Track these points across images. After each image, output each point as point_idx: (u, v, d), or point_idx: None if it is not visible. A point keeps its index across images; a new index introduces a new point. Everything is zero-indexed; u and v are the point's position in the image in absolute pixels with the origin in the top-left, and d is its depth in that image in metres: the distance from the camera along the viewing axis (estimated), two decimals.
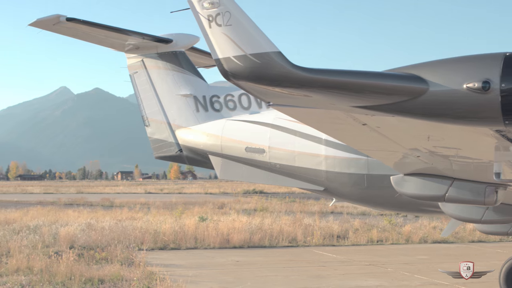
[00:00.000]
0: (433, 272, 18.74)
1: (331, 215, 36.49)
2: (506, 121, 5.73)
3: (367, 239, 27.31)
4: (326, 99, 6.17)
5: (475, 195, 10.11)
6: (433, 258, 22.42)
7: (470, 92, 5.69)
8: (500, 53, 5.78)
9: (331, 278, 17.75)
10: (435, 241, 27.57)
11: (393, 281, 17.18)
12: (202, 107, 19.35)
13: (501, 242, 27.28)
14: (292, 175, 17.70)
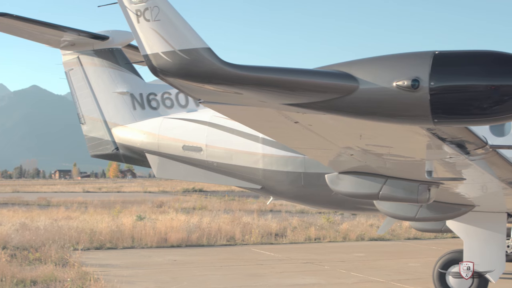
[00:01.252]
0: (369, 270, 18.92)
1: (269, 213, 36.55)
2: (435, 119, 5.74)
3: (305, 237, 27.42)
4: (257, 97, 6.09)
5: (408, 193, 10.18)
6: (369, 255, 22.63)
7: (399, 90, 5.68)
8: (429, 51, 5.78)
9: (268, 276, 17.72)
10: (372, 239, 27.86)
11: (329, 279, 17.25)
12: (139, 105, 19.10)
13: (436, 239, 27.73)
14: (230, 174, 17.62)
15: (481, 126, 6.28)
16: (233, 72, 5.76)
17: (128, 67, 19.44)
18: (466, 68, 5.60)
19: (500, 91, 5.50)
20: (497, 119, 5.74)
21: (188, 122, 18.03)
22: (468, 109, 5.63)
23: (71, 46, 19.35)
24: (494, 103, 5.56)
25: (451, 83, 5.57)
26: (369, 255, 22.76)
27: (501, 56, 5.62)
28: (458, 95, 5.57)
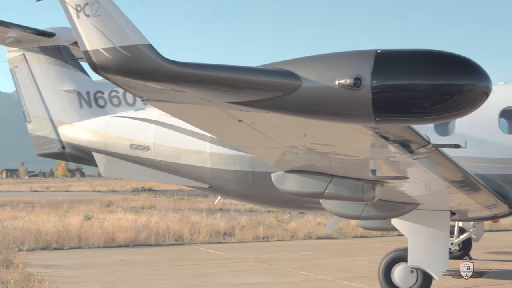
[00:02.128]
0: (317, 268, 19.01)
1: (218, 212, 36.50)
2: (377, 118, 5.76)
3: (253, 236, 27.44)
4: (199, 94, 6.03)
5: (353, 192, 10.24)
6: (317, 253, 22.77)
7: (342, 89, 5.68)
8: (371, 50, 5.80)
9: (216, 275, 17.67)
10: (320, 237, 28.02)
11: (277, 278, 17.28)
12: (86, 103, 18.84)
13: (382, 237, 28.02)
14: (177, 173, 17.51)
15: (423, 125, 6.32)
16: (175, 70, 5.70)
17: (75, 65, 19.16)
18: (408, 67, 5.64)
19: (442, 90, 5.55)
20: (439, 118, 5.81)
21: (136, 121, 17.87)
22: (409, 108, 5.67)
23: (16, 43, 18.96)
24: (436, 102, 5.62)
25: (393, 82, 5.60)
26: (316, 253, 22.90)
27: (443, 56, 5.68)
28: (400, 94, 5.60)
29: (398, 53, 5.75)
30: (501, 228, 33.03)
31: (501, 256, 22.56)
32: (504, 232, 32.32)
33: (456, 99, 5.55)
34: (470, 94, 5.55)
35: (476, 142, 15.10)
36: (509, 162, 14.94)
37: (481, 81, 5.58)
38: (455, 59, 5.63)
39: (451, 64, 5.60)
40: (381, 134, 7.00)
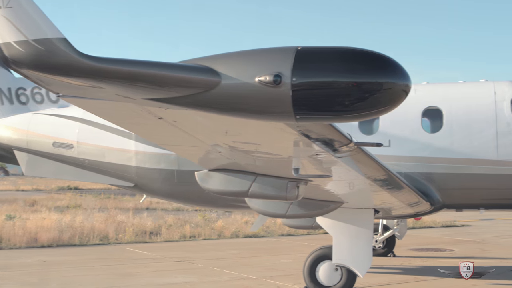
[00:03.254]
0: (243, 267, 18.97)
1: (145, 211, 36.08)
2: (298, 115, 5.69)
3: (180, 235, 27.22)
4: (117, 91, 5.84)
5: (277, 191, 10.18)
6: (243, 252, 22.74)
7: (261, 86, 5.58)
8: (292, 46, 5.73)
9: (141, 275, 17.41)
10: (246, 236, 28.03)
11: (202, 277, 17.15)
12: (7, 100, 18.27)
13: (309, 235, 28.22)
14: (102, 171, 17.19)
15: (344, 122, 6.30)
16: (90, 65, 5.50)
17: None
18: (328, 65, 5.59)
19: (361, 88, 5.52)
20: (359, 116, 5.77)
21: (59, 118, 17.47)
22: (329, 106, 5.62)
23: None
24: (356, 100, 5.58)
25: (313, 79, 5.54)
26: (243, 252, 22.86)
27: (363, 53, 5.65)
28: (320, 92, 5.54)
29: (318, 50, 5.70)
30: (424, 226, 33.74)
31: (424, 252, 23.02)
32: (427, 229, 33.03)
33: (376, 97, 5.53)
34: (390, 92, 5.54)
35: (400, 141, 15.32)
36: (431, 161, 15.21)
37: (400, 79, 5.58)
38: (375, 57, 5.61)
39: (371, 62, 5.58)
40: (302, 132, 6.95)
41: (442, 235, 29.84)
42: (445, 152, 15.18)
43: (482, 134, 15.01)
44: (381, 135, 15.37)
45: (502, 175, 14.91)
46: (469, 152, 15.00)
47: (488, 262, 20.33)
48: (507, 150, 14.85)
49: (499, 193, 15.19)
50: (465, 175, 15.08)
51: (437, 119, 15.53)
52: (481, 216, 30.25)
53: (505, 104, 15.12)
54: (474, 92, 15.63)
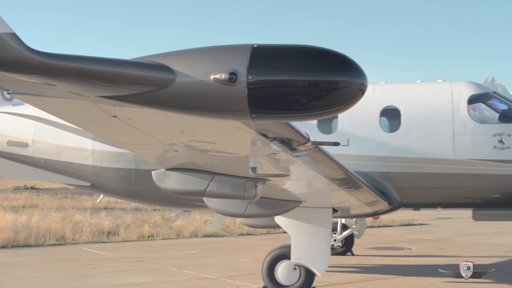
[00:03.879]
0: (201, 266, 18.85)
1: (103, 211, 35.67)
2: (253, 114, 5.60)
3: (138, 235, 26.98)
4: (69, 88, 5.68)
5: (235, 190, 10.09)
6: (202, 252, 22.61)
7: (217, 84, 5.48)
8: (248, 44, 5.64)
9: (97, 276, 17.18)
10: (206, 235, 27.90)
11: (160, 277, 16.98)
12: None
13: (268, 235, 28.22)
14: (58, 171, 16.93)
15: (300, 121, 6.23)
16: (41, 61, 5.33)
17: None
18: (284, 63, 5.51)
19: (317, 87, 5.46)
20: (315, 114, 5.71)
21: (14, 116, 17.14)
22: (286, 104, 5.55)
23: None
24: (311, 99, 5.51)
25: (269, 77, 5.46)
26: (202, 251, 22.74)
27: (320, 52, 5.59)
28: (276, 90, 5.46)
29: (275, 48, 5.62)
30: (382, 224, 34.01)
31: (382, 251, 23.17)
32: (385, 228, 33.30)
33: (332, 95, 5.47)
34: (346, 91, 5.49)
35: (358, 140, 15.40)
36: (389, 160, 15.30)
37: (357, 78, 5.53)
38: (331, 56, 5.55)
39: (327, 60, 5.51)
40: (259, 131, 6.87)
41: (400, 234, 30.10)
42: (403, 152, 15.28)
43: (439, 134, 15.14)
44: (340, 135, 15.41)
45: (458, 174, 15.06)
46: (427, 151, 15.13)
47: (445, 260, 20.55)
48: (463, 150, 15.00)
49: (456, 192, 15.36)
50: (422, 174, 15.21)
51: (395, 118, 15.63)
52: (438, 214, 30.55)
53: (461, 104, 15.28)
54: (432, 92, 15.77)
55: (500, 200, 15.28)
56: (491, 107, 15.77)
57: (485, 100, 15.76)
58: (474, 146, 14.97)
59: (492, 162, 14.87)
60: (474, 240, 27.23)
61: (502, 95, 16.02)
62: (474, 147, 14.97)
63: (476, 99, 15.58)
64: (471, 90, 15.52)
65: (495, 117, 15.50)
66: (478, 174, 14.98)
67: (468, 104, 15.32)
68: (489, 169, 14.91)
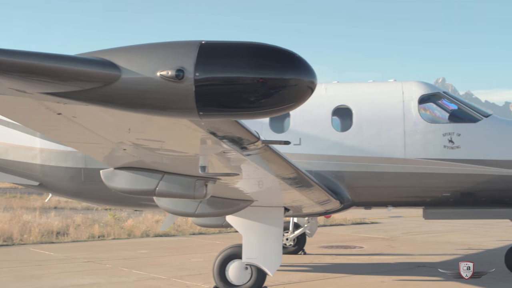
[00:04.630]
0: (152, 266, 18.63)
1: (53, 211, 35.13)
2: (201, 112, 5.47)
3: (88, 235, 26.57)
4: (10, 84, 5.47)
5: (185, 189, 9.96)
6: (153, 252, 22.36)
7: (164, 81, 5.34)
8: (196, 40, 5.52)
9: (46, 277, 16.82)
10: (157, 235, 27.63)
11: (110, 278, 16.71)
12: None
13: (220, 234, 28.08)
14: (5, 170, 16.56)
15: (249, 119, 6.12)
16: None
17: None
18: (233, 60, 5.40)
19: (266, 84, 5.36)
20: (263, 112, 5.62)
21: None
22: (234, 102, 5.44)
23: None
24: (260, 97, 5.41)
25: (217, 74, 5.34)
26: (153, 251, 22.49)
27: (268, 49, 5.49)
28: (224, 87, 5.35)
29: (223, 45, 5.50)
30: (334, 223, 34.19)
31: (334, 250, 23.25)
32: (337, 226, 33.48)
33: (281, 93, 5.38)
34: (295, 89, 5.40)
35: (310, 140, 15.40)
36: (341, 159, 15.34)
37: (306, 76, 5.44)
38: (280, 53, 5.46)
39: (276, 58, 5.42)
40: (208, 130, 6.76)
41: (352, 232, 30.28)
42: (354, 151, 15.34)
43: (390, 133, 15.24)
44: (292, 134, 15.40)
45: (409, 173, 15.18)
46: (378, 151, 15.21)
47: (396, 258, 20.70)
48: (414, 149, 15.13)
49: (406, 191, 15.48)
50: (373, 173, 15.28)
51: (347, 118, 15.68)
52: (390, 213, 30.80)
53: (412, 103, 15.40)
54: (383, 91, 15.86)
55: (450, 199, 15.45)
56: (441, 107, 15.93)
57: (436, 100, 15.91)
58: (424, 145, 15.10)
59: (442, 161, 15.02)
60: (424, 238, 27.53)
61: (452, 95, 16.18)
62: (424, 146, 15.10)
63: (427, 99, 15.73)
64: (422, 90, 15.66)
65: (445, 116, 15.66)
66: (429, 173, 15.12)
67: (419, 103, 15.45)
68: (439, 168, 15.06)
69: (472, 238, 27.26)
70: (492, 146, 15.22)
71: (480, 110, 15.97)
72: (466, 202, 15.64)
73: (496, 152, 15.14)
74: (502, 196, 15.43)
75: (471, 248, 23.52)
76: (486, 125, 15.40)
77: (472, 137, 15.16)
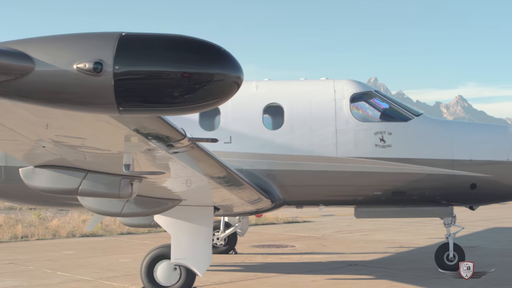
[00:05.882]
0: (78, 268, 18.07)
1: None
2: (121, 107, 5.14)
3: (10, 236, 25.67)
4: None
5: (109, 188, 9.56)
6: (79, 252, 21.73)
7: (81, 74, 4.98)
8: (115, 32, 5.18)
9: None
10: (84, 235, 26.93)
11: (33, 280, 16.08)
12: None
13: (150, 234, 27.59)
14: None
15: (172, 115, 5.82)
16: None
17: None
18: (154, 53, 5.08)
19: (191, 79, 5.07)
20: (189, 109, 5.31)
21: None
22: (155, 97, 5.12)
23: None
24: (185, 92, 5.11)
25: (137, 68, 5.01)
26: (79, 252, 21.85)
27: (193, 42, 5.19)
28: (145, 82, 5.03)
29: (145, 37, 5.18)
30: (266, 222, 34.08)
31: (265, 249, 23.08)
32: (269, 225, 33.36)
33: (206, 89, 5.10)
34: (221, 84, 5.13)
35: (241, 138, 15.20)
36: (272, 158, 15.19)
37: (232, 71, 5.18)
38: (205, 46, 5.17)
39: (201, 51, 5.13)
40: (130, 126, 6.41)
41: (284, 231, 30.20)
42: (286, 149, 15.20)
43: (321, 132, 15.16)
44: (223, 131, 15.16)
45: (340, 172, 15.14)
46: (309, 149, 15.12)
47: (327, 257, 20.66)
48: (345, 148, 15.09)
49: (338, 190, 15.43)
50: (305, 172, 15.18)
51: (278, 116, 15.53)
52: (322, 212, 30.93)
53: (344, 102, 15.36)
54: (315, 90, 15.76)
55: (381, 198, 15.47)
56: (373, 105, 15.94)
57: (367, 99, 15.92)
58: (356, 144, 15.07)
59: (373, 160, 15.02)
60: (356, 237, 27.65)
61: (383, 93, 16.21)
62: (356, 145, 15.08)
63: (359, 98, 15.72)
64: (354, 88, 15.63)
65: (377, 115, 15.68)
66: (360, 172, 15.10)
67: (351, 102, 15.42)
68: (370, 167, 15.06)
69: (403, 236, 27.52)
70: (423, 145, 15.30)
71: (411, 109, 16.05)
72: (397, 200, 15.70)
73: (427, 151, 15.23)
74: (432, 195, 15.54)
75: (402, 246, 23.70)
76: (417, 124, 15.48)
77: (403, 136, 15.21)
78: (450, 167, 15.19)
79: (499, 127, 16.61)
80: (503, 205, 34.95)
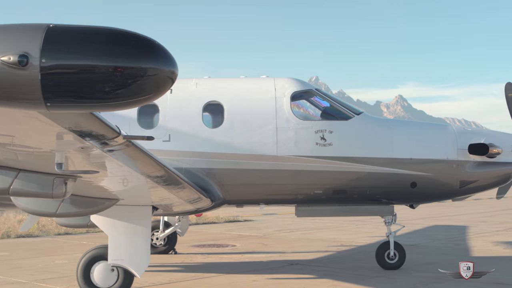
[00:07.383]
0: (13, 270, 17.56)
1: None
2: (48, 103, 4.90)
3: None
4: None
5: (42, 188, 9.24)
6: (14, 254, 21.14)
7: (5, 67, 4.74)
8: (43, 23, 4.94)
9: None
10: (20, 236, 26.27)
11: None
12: None
13: (88, 234, 27.09)
14: None
15: (104, 111, 5.58)
16: None
17: None
18: (85, 45, 4.86)
19: (123, 74, 4.86)
20: (120, 104, 5.11)
21: None
22: (84, 93, 4.90)
23: None
24: (116, 87, 4.91)
25: (66, 61, 4.79)
26: (14, 253, 21.26)
27: (126, 35, 4.99)
28: (74, 76, 4.81)
29: (74, 29, 4.95)
30: (207, 221, 33.86)
31: (206, 248, 22.88)
32: (210, 225, 33.15)
33: (138, 84, 4.90)
34: (154, 79, 4.94)
35: (180, 136, 15.00)
36: (212, 156, 15.02)
37: (166, 65, 4.99)
38: (139, 40, 4.97)
39: (134, 44, 4.93)
40: (60, 123, 6.15)
41: (225, 231, 30.02)
42: (225, 148, 15.06)
43: (262, 130, 15.07)
44: (161, 130, 14.94)
45: (281, 170, 15.07)
46: (250, 147, 15.00)
47: (268, 256, 20.57)
48: (286, 146, 15.02)
49: (278, 188, 15.36)
50: (245, 170, 15.07)
51: (218, 114, 15.38)
52: (263, 211, 30.90)
53: (285, 100, 15.29)
54: (255, 88, 15.66)
55: (322, 196, 15.46)
56: (313, 104, 15.92)
57: (308, 97, 15.90)
58: (296, 142, 15.02)
59: (314, 158, 14.99)
60: (297, 235, 27.66)
61: (324, 92, 16.20)
62: (296, 143, 15.02)
63: (299, 96, 15.68)
64: (294, 86, 15.58)
65: (318, 114, 15.68)
66: (301, 171, 15.07)
67: (291, 100, 15.37)
68: (311, 166, 15.03)
69: (344, 235, 27.66)
70: (363, 143, 15.35)
71: (352, 108, 16.08)
72: (338, 199, 15.73)
73: (367, 149, 15.29)
74: (373, 193, 15.60)
75: (344, 245, 23.79)
76: (358, 123, 15.52)
77: (344, 135, 15.23)
78: (390, 165, 15.27)
79: (439, 126, 16.78)
80: (443, 203, 35.40)
